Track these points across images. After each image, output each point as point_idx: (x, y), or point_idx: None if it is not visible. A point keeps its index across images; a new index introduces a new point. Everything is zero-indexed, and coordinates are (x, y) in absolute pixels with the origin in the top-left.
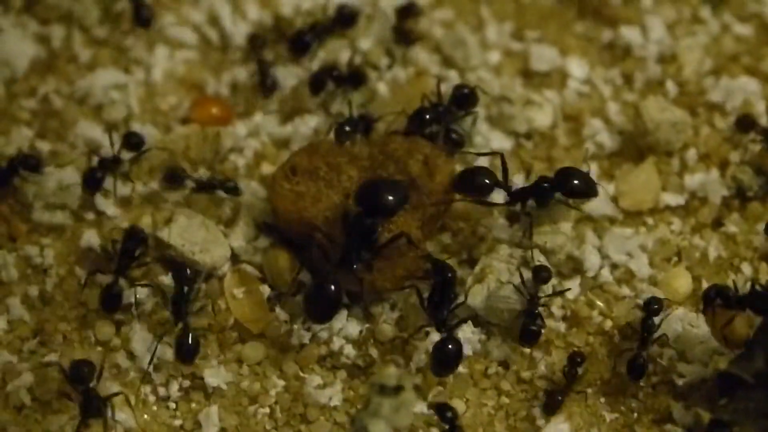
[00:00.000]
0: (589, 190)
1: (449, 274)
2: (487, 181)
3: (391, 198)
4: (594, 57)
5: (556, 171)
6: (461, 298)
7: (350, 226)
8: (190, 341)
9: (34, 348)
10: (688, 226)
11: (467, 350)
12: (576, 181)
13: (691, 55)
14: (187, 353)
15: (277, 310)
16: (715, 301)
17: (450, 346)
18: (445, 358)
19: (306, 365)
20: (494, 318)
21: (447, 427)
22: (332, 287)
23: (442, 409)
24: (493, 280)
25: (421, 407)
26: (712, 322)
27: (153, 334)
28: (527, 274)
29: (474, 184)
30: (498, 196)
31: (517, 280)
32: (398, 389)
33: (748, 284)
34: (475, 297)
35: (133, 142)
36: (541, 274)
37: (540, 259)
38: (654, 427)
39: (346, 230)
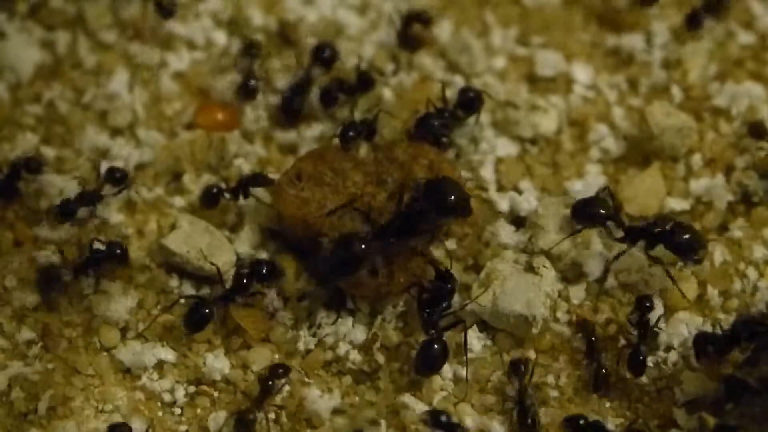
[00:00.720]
0: (690, 252)
1: (450, 283)
2: (602, 212)
3: (453, 199)
4: (599, 62)
5: (675, 221)
6: (465, 304)
7: (407, 204)
8: (206, 311)
9: (39, 353)
10: None
11: (472, 354)
12: (686, 237)
13: (696, 61)
14: (197, 320)
15: (283, 315)
16: (707, 348)
17: (436, 347)
18: (430, 359)
19: (311, 370)
20: (500, 324)
21: None
22: (362, 245)
23: (435, 416)
24: (499, 285)
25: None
26: (710, 368)
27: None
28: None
29: (588, 213)
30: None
31: (521, 284)
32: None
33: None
34: (481, 303)
35: (115, 176)
36: (518, 368)
37: (546, 265)
38: None
39: (400, 206)
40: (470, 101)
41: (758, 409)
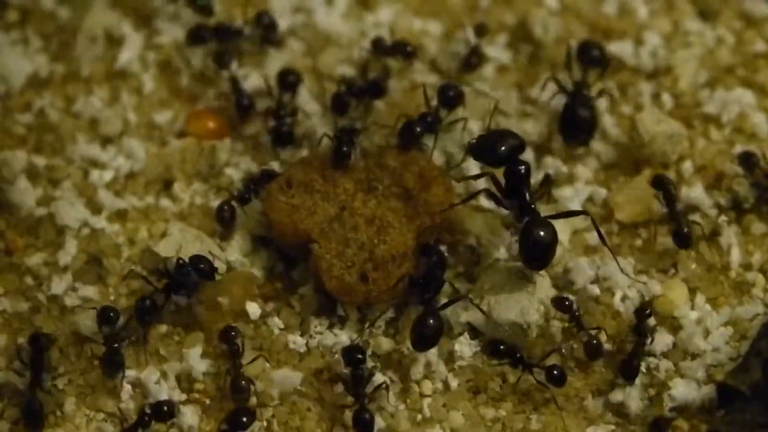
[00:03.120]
0: None
1: (435, 257)
2: None
3: (504, 148)
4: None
5: None
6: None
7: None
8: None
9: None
10: None
11: (463, 362)
12: None
13: (687, 67)
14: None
15: (276, 320)
16: None
17: (431, 321)
18: (425, 333)
19: (303, 378)
20: (497, 333)
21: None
22: (543, 233)
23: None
24: (493, 295)
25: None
26: None
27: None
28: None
29: None
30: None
31: (515, 293)
32: None
33: None
34: (477, 313)
35: None
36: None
37: (541, 272)
38: None
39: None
40: (451, 99)
41: (749, 415)
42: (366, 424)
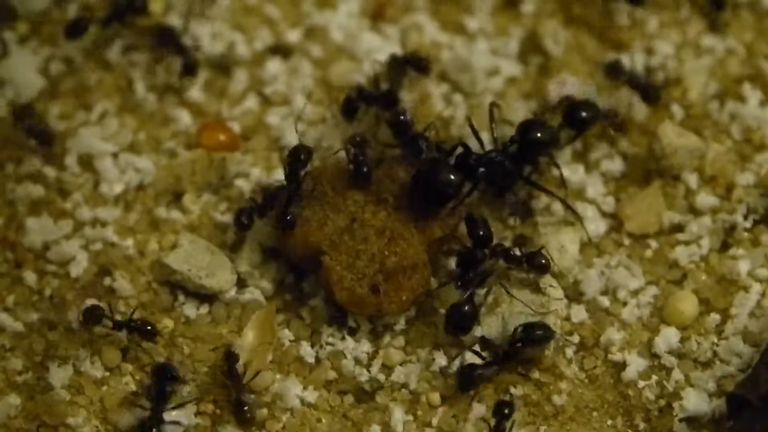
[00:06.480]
0: None
1: (481, 232)
2: None
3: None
4: (599, 80)
5: None
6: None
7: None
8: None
9: (40, 374)
10: (694, 249)
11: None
12: None
13: (697, 79)
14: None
15: (286, 332)
16: None
17: (466, 308)
18: (460, 319)
19: (313, 389)
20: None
21: None
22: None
23: None
24: (507, 308)
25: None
26: None
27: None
28: None
29: None
30: None
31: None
32: None
33: None
34: (491, 327)
35: None
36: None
37: (553, 284)
38: None
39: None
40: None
41: (759, 426)
42: None
